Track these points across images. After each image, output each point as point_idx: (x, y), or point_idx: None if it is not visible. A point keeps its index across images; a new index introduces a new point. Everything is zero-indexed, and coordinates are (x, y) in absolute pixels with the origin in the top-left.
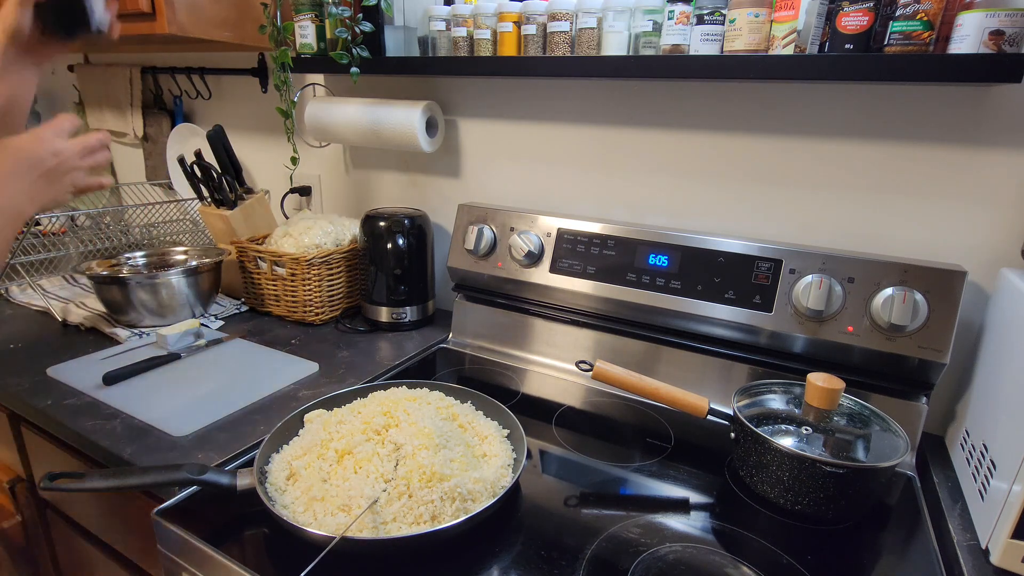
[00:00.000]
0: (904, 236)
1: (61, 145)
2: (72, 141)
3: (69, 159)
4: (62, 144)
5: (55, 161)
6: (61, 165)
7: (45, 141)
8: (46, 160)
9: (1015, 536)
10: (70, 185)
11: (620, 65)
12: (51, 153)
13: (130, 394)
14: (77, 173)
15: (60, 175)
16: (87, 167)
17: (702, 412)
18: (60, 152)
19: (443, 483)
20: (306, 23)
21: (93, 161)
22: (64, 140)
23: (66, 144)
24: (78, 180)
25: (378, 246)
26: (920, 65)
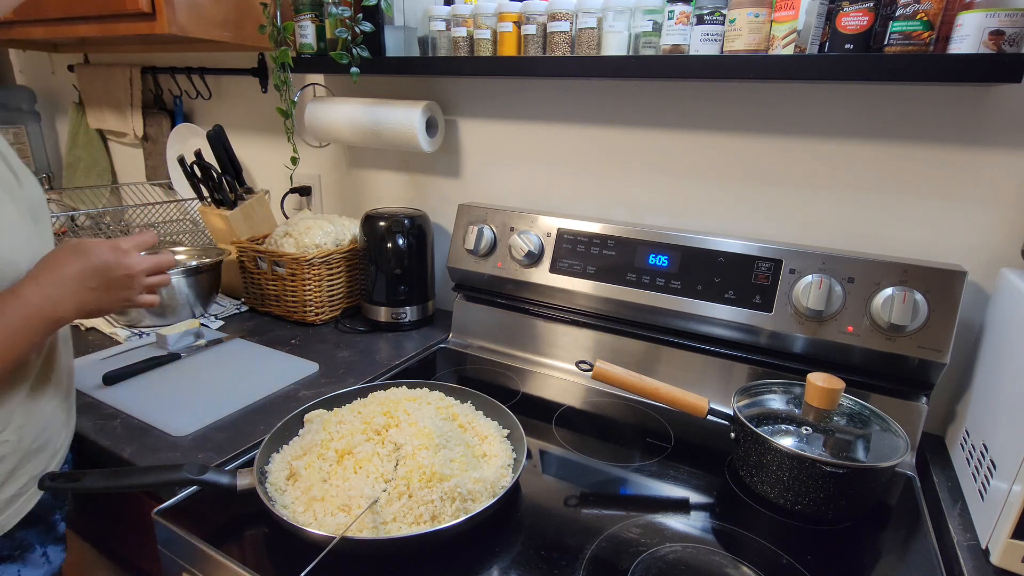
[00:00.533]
0: (904, 236)
1: (134, 261)
2: (144, 259)
3: (136, 276)
4: (135, 260)
5: (122, 275)
6: (125, 280)
7: (121, 253)
8: (114, 271)
9: (1015, 536)
10: (124, 300)
11: (620, 65)
12: (123, 267)
13: (130, 394)
14: (135, 291)
15: (120, 289)
16: (146, 287)
17: (702, 412)
18: (131, 268)
19: (443, 483)
20: (306, 23)
21: (155, 282)
22: (139, 256)
23: (139, 260)
24: (133, 297)
25: (378, 246)
26: (920, 65)
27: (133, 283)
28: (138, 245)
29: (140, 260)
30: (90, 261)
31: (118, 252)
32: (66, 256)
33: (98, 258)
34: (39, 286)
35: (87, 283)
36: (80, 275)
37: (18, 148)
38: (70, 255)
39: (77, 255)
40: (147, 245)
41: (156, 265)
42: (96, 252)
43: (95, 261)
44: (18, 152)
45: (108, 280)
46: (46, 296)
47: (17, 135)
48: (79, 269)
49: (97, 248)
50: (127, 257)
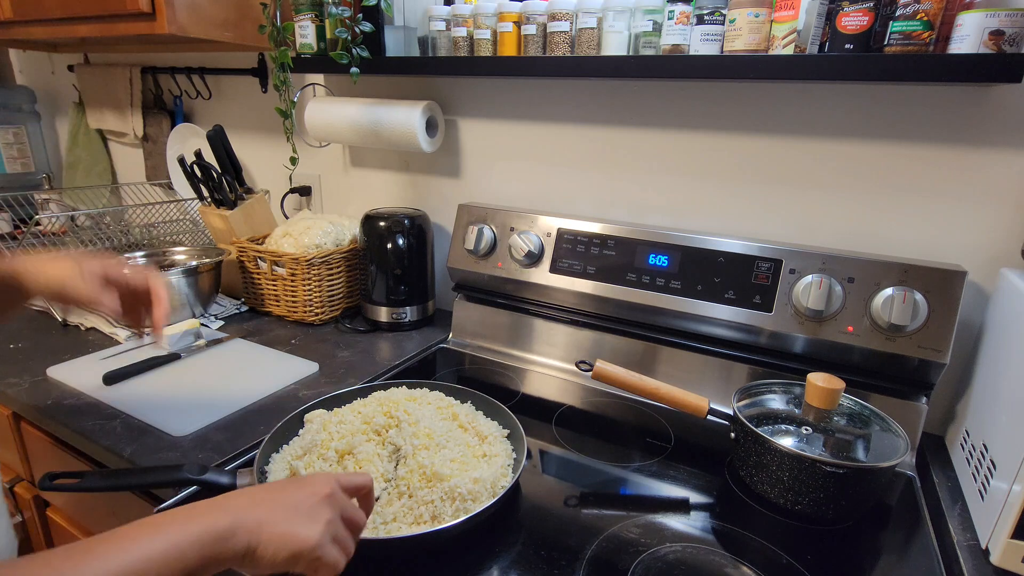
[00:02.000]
0: (904, 236)
1: (340, 504)
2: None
3: (334, 525)
4: (342, 502)
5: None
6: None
7: (330, 486)
8: (307, 502)
9: (1015, 536)
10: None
11: (620, 65)
12: (324, 496)
13: (130, 394)
14: (327, 548)
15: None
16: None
17: (702, 412)
18: (332, 512)
19: (443, 483)
20: (306, 23)
21: (345, 542)
22: (345, 499)
23: (344, 503)
24: (326, 554)
25: (378, 246)
26: (920, 65)
27: (328, 538)
28: (347, 486)
29: (345, 504)
30: (286, 498)
31: (325, 484)
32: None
33: (297, 492)
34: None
35: (277, 515)
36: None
37: (18, 148)
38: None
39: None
40: (358, 487)
41: (354, 522)
42: (297, 486)
43: (290, 498)
44: (18, 152)
45: (299, 514)
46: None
47: (17, 135)
48: (268, 508)
49: (305, 481)
50: (333, 490)
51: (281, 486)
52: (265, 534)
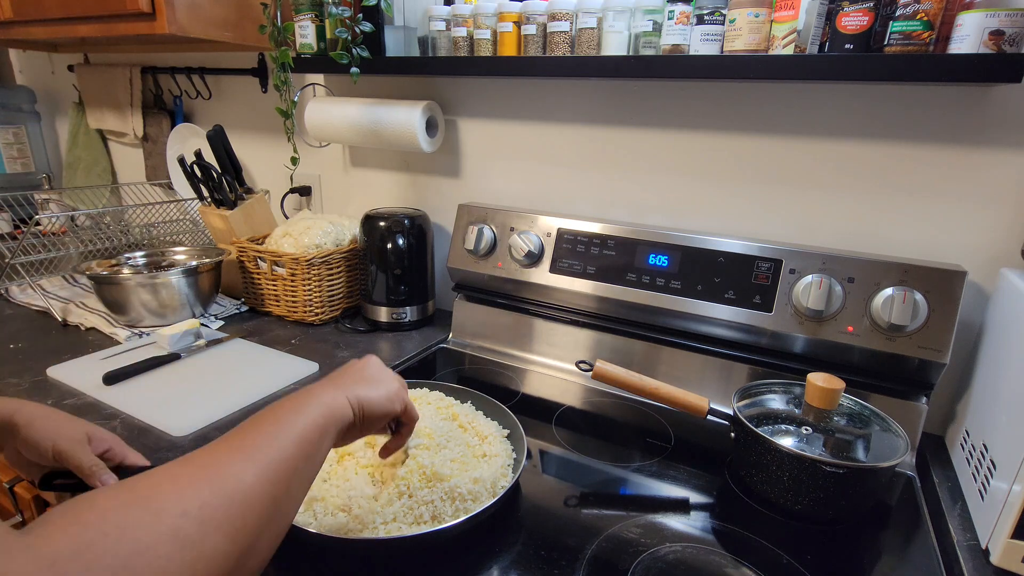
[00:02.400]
0: (904, 236)
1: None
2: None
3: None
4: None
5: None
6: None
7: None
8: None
9: (1015, 536)
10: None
11: (620, 65)
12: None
13: (130, 394)
14: (406, 393)
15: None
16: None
17: (702, 412)
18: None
19: (443, 483)
20: (306, 23)
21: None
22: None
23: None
24: (408, 398)
25: (378, 246)
26: (920, 65)
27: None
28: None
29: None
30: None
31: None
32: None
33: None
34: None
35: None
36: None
37: (18, 148)
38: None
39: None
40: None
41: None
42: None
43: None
44: (18, 152)
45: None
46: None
47: (17, 135)
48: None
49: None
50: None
51: (352, 366)
52: (363, 398)
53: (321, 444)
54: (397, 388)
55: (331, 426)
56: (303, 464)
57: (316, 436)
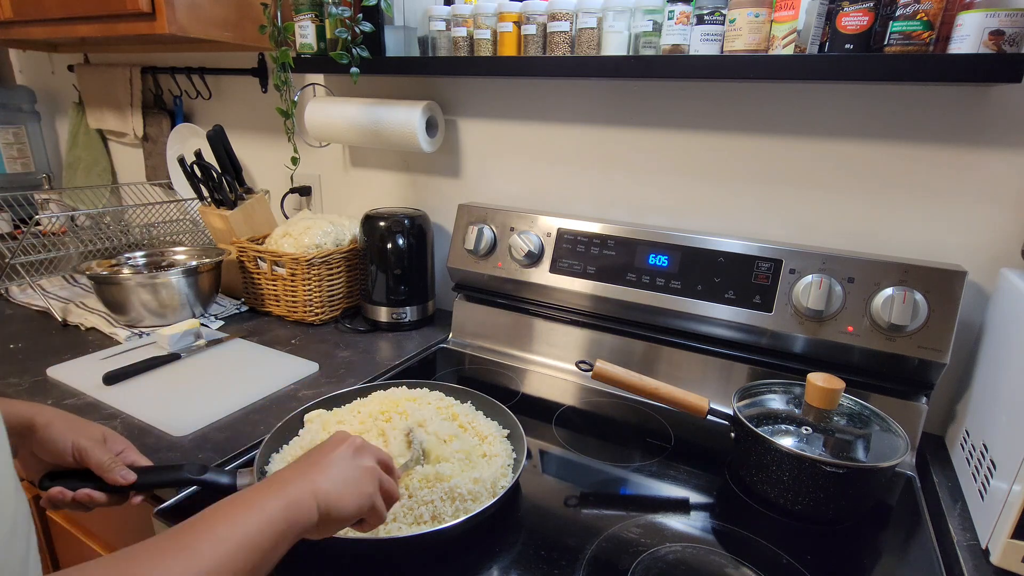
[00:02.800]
0: (904, 236)
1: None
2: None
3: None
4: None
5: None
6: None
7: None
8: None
9: (1015, 536)
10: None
11: (620, 65)
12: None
13: (130, 394)
14: (378, 497)
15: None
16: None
17: (702, 412)
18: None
19: (443, 483)
20: (306, 23)
21: (389, 486)
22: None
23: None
24: (378, 503)
25: (378, 246)
26: (920, 65)
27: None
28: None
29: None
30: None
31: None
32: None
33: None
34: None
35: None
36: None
37: (18, 148)
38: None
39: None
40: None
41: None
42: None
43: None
44: (18, 152)
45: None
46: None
47: (17, 135)
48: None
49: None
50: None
51: (319, 452)
52: (332, 496)
53: (276, 549)
54: (370, 486)
55: (290, 529)
56: (251, 570)
57: (270, 542)
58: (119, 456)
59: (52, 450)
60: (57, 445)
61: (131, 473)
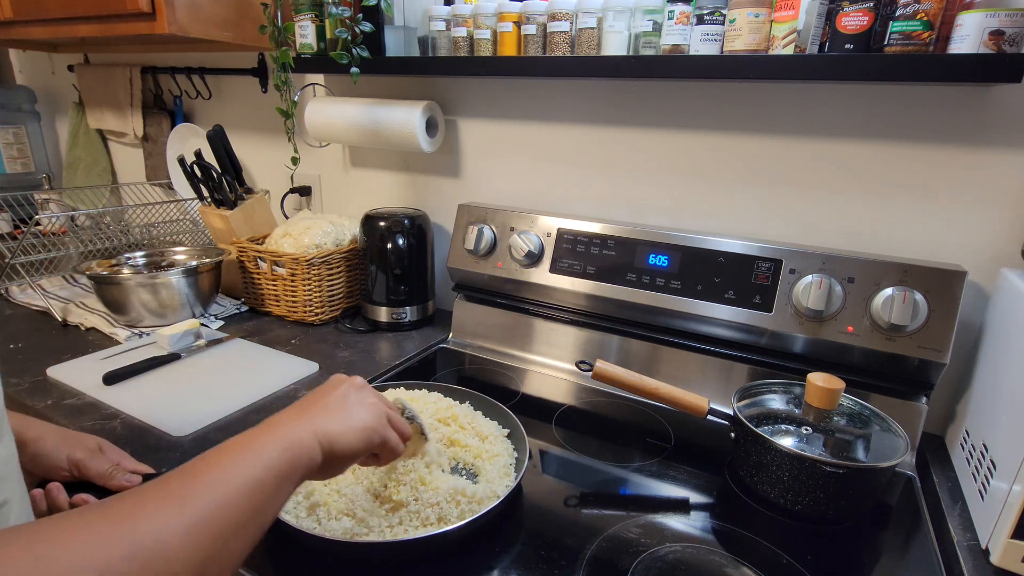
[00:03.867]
0: (904, 236)
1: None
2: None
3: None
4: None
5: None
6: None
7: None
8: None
9: (1015, 536)
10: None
11: (620, 65)
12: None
13: (130, 394)
14: (387, 430)
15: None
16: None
17: (702, 412)
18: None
19: (445, 485)
20: (306, 23)
21: (398, 421)
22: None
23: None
24: (388, 436)
25: (378, 246)
26: (920, 65)
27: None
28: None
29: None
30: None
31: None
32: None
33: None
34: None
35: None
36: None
37: (18, 148)
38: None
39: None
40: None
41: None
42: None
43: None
44: (18, 152)
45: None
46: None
47: (17, 135)
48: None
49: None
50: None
51: (321, 392)
52: (333, 430)
53: (279, 493)
54: (375, 419)
55: (294, 471)
56: (250, 518)
57: (272, 484)
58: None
59: (45, 464)
60: (50, 459)
61: (135, 477)
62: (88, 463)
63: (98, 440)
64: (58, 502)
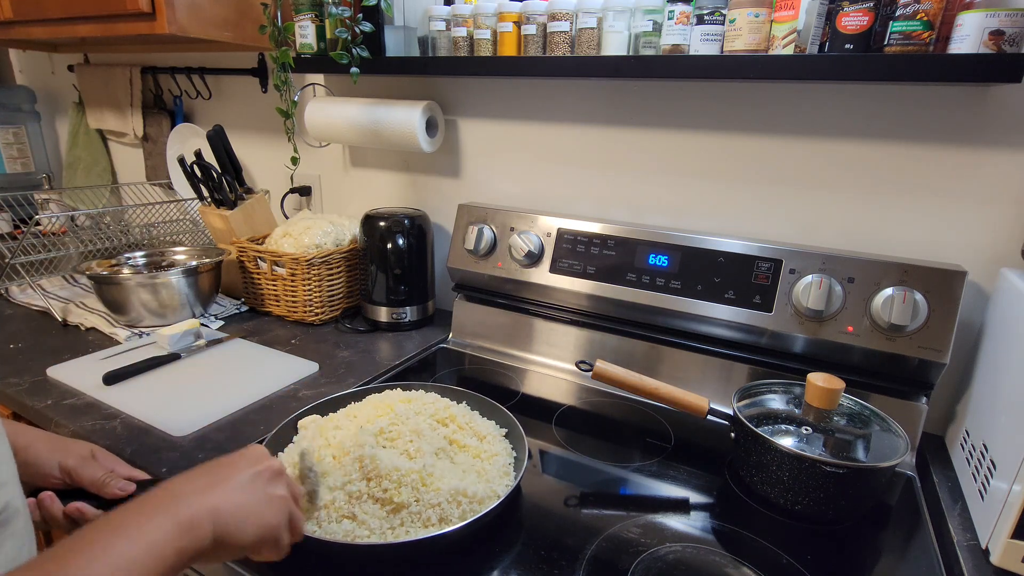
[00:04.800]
0: (904, 236)
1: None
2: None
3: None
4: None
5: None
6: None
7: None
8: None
9: (1015, 536)
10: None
11: (620, 65)
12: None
13: (130, 394)
14: (284, 531)
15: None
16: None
17: (702, 412)
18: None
19: (446, 486)
20: (306, 23)
21: (297, 521)
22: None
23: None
24: (282, 536)
25: (378, 246)
26: (920, 65)
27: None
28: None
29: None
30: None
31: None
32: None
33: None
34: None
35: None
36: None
37: (18, 148)
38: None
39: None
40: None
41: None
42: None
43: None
44: (18, 152)
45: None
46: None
47: (17, 135)
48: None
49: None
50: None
51: (229, 464)
52: (231, 519)
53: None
54: (277, 520)
55: (180, 560)
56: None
57: (153, 573)
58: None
59: (36, 472)
60: (42, 467)
61: (130, 484)
62: (81, 470)
63: (91, 446)
64: (52, 511)
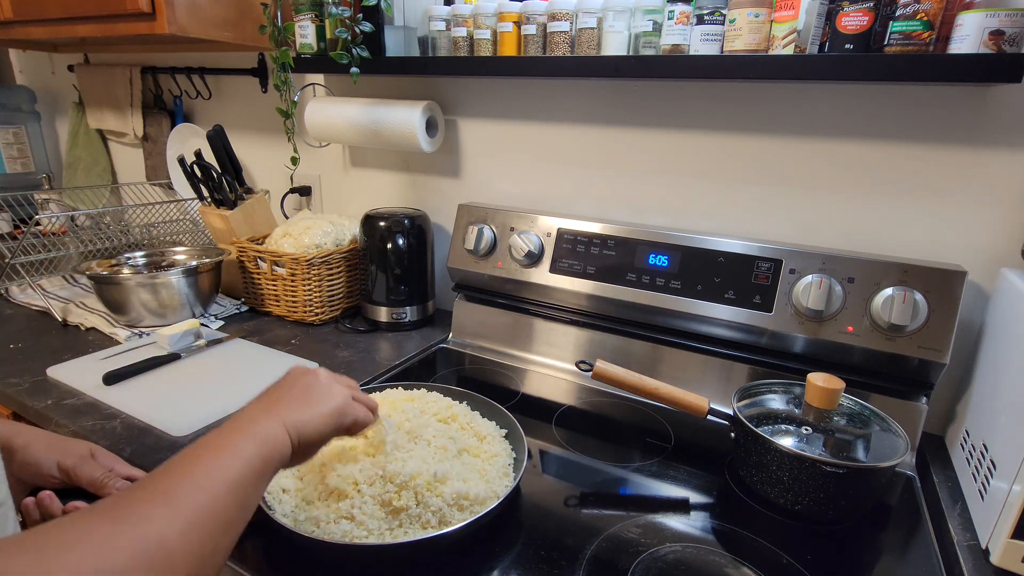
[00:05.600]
0: (904, 236)
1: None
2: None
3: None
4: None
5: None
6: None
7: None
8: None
9: (1015, 536)
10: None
11: (620, 65)
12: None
13: (130, 394)
14: (353, 406)
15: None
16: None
17: (702, 412)
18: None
19: (446, 486)
20: (306, 23)
21: (365, 398)
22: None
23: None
24: (355, 412)
25: (378, 246)
26: (920, 65)
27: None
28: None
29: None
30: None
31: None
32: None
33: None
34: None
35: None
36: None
37: (18, 148)
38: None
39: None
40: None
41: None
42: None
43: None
44: (18, 152)
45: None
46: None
47: (17, 135)
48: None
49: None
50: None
51: (286, 385)
52: (302, 422)
53: (258, 488)
54: (341, 401)
55: (269, 466)
56: (236, 515)
57: (252, 480)
58: (111, 472)
59: (34, 472)
60: (41, 466)
61: (125, 484)
62: (79, 470)
63: (90, 446)
64: (51, 511)
